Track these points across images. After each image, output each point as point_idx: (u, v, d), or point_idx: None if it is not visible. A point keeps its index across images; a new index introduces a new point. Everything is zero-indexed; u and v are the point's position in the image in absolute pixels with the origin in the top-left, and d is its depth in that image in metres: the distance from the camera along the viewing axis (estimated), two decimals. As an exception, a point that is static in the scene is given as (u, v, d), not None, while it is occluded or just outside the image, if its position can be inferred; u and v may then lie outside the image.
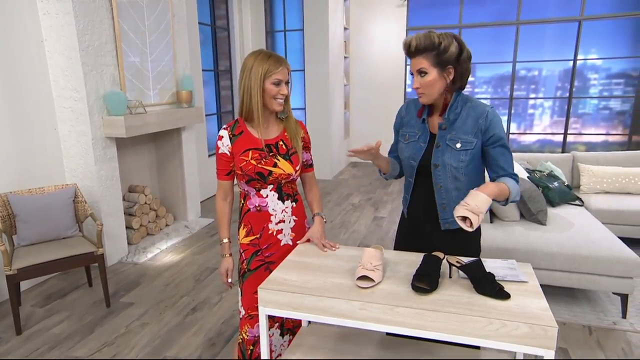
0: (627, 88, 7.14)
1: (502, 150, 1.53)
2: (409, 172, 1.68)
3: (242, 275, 1.79)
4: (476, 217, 1.30)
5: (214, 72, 5.94)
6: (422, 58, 1.48)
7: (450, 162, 1.54)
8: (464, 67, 1.49)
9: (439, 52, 1.45)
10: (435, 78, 1.48)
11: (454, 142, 1.53)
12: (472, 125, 1.52)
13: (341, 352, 1.63)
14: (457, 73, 1.49)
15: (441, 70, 1.48)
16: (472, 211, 1.30)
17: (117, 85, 3.52)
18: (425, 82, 1.49)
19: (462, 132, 1.53)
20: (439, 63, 1.46)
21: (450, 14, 7.25)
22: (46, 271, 2.68)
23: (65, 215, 2.92)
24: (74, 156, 3.38)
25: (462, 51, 1.47)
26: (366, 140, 7.97)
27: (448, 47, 1.44)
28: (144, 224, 4.08)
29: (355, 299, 1.28)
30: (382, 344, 1.66)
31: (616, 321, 2.57)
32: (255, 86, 1.58)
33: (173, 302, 2.95)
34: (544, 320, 1.11)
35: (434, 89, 1.50)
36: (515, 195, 1.51)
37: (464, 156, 1.53)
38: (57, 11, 3.12)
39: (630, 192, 3.82)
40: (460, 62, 1.47)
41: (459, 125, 1.54)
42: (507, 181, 1.50)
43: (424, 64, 1.48)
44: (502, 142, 1.53)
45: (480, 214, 1.31)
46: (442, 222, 1.63)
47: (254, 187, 1.70)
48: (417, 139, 1.63)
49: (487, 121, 1.51)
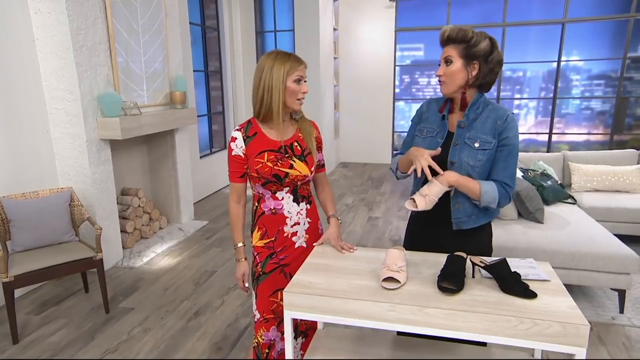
0: (607, 89, 7.36)
1: (507, 154, 1.53)
2: None
3: (257, 278, 1.77)
4: (421, 198, 1.47)
5: (204, 72, 5.88)
6: (452, 47, 1.51)
7: (468, 160, 1.54)
8: (490, 67, 1.50)
9: (468, 45, 1.48)
10: (459, 68, 1.51)
11: (473, 140, 1.54)
12: (491, 127, 1.54)
13: (360, 353, 1.63)
14: (482, 71, 1.50)
15: (466, 63, 1.50)
16: (420, 193, 1.48)
17: (111, 86, 3.44)
18: (448, 71, 1.52)
19: (481, 132, 1.54)
20: (466, 55, 1.49)
21: (437, 16, 7.34)
22: (44, 277, 2.61)
23: (61, 220, 2.84)
24: (67, 159, 3.29)
25: (493, 51, 1.49)
26: (356, 140, 8.01)
27: (478, 43, 1.47)
28: (137, 227, 4.00)
29: (384, 300, 1.28)
30: (399, 344, 1.67)
31: (614, 316, 2.64)
32: (277, 85, 1.56)
33: (174, 307, 2.90)
34: (575, 319, 1.13)
35: (455, 80, 1.52)
36: (487, 200, 1.51)
37: (482, 155, 1.54)
38: (50, 10, 3.03)
39: (619, 190, 3.94)
40: (488, 62, 1.49)
41: (478, 125, 1.55)
42: (483, 183, 1.52)
43: (452, 53, 1.51)
44: (511, 148, 1.53)
45: (426, 196, 1.47)
46: (455, 221, 1.62)
47: (270, 189, 1.68)
48: (434, 134, 1.63)
49: (505, 123, 1.52)
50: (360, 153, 8.07)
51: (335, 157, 7.66)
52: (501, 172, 1.55)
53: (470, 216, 1.61)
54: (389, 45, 7.48)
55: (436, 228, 1.70)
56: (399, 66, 7.71)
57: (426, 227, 1.73)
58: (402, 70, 7.93)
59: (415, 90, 8.15)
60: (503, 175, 1.54)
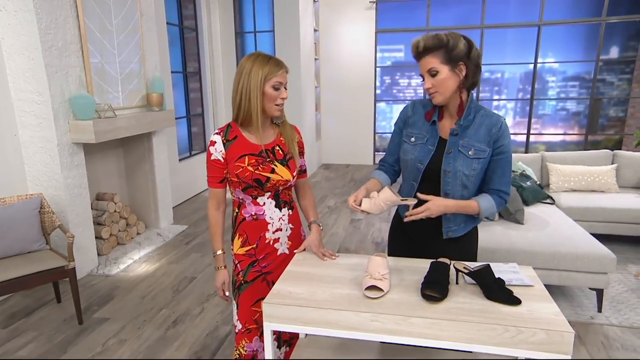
0: (582, 90, 7.55)
1: (503, 163, 1.52)
2: (414, 176, 1.60)
3: (238, 287, 1.71)
4: (368, 200, 1.48)
5: (183, 74, 5.76)
6: (431, 57, 1.45)
7: (462, 169, 1.51)
8: (474, 63, 1.47)
9: (447, 49, 1.43)
10: (447, 75, 1.45)
11: (467, 149, 1.50)
12: (485, 134, 1.51)
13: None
14: (469, 69, 1.46)
15: (452, 67, 1.45)
16: (370, 196, 1.50)
17: (83, 87, 3.32)
18: (437, 81, 1.46)
19: (475, 140, 1.51)
20: (449, 60, 1.44)
21: (417, 17, 7.39)
22: (12, 289, 2.48)
23: (30, 228, 2.71)
24: (37, 163, 3.15)
25: (472, 48, 1.45)
26: (337, 142, 7.99)
27: (456, 44, 1.43)
28: (114, 233, 3.88)
29: (366, 310, 1.24)
30: (382, 351, 1.64)
31: (593, 315, 2.67)
32: (255, 90, 1.51)
33: (152, 316, 2.80)
34: (559, 326, 1.12)
35: (447, 87, 1.47)
36: (486, 215, 1.53)
37: (476, 164, 1.51)
38: (16, 8, 2.90)
39: (594, 190, 4.01)
40: (471, 58, 1.45)
41: (471, 132, 1.52)
42: (481, 200, 1.52)
43: (434, 63, 1.45)
44: (507, 156, 1.52)
45: (373, 198, 1.48)
46: (445, 230, 1.60)
47: (251, 194, 1.62)
48: (425, 141, 1.57)
49: (500, 131, 1.50)
50: (342, 154, 8.05)
51: (317, 158, 7.62)
52: (498, 181, 1.53)
53: (460, 224, 1.60)
54: (369, 46, 7.48)
55: (423, 236, 1.66)
56: (379, 67, 7.73)
57: (413, 235, 1.68)
58: (383, 71, 7.95)
59: (396, 92, 8.19)
60: (500, 184, 1.53)
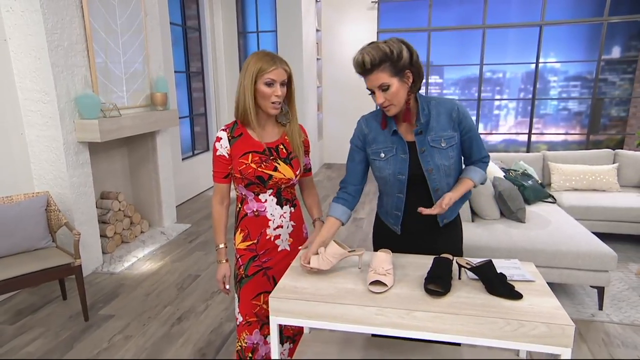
0: (583, 90, 7.55)
1: (473, 137, 1.60)
2: (397, 188, 1.60)
3: (239, 281, 1.74)
4: (316, 257, 1.49)
5: (186, 73, 5.79)
6: (380, 72, 1.42)
7: (442, 162, 1.54)
8: (417, 67, 1.47)
9: (393, 60, 1.41)
10: (398, 86, 1.44)
11: (438, 142, 1.54)
12: (447, 121, 1.55)
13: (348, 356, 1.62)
14: (414, 74, 1.47)
15: (401, 78, 1.44)
16: (319, 252, 1.51)
17: (89, 87, 3.35)
18: (390, 95, 1.45)
19: (441, 130, 1.54)
20: (397, 72, 1.43)
21: (419, 17, 7.41)
22: (19, 286, 2.51)
23: (37, 226, 2.74)
24: (44, 162, 3.18)
25: (412, 53, 1.45)
26: (339, 141, 8.01)
27: (401, 53, 1.41)
28: (118, 231, 3.91)
29: (371, 304, 1.27)
30: (387, 347, 1.66)
31: (594, 313, 2.69)
32: (248, 86, 1.54)
33: (156, 313, 2.83)
34: (560, 319, 1.14)
35: (400, 98, 1.47)
36: (479, 182, 1.62)
37: (452, 152, 1.56)
38: (23, 8, 2.93)
39: (596, 189, 4.03)
40: (414, 64, 1.45)
41: (434, 124, 1.54)
42: (471, 174, 1.59)
43: (384, 78, 1.43)
44: (474, 131, 1.59)
45: (321, 254, 1.50)
46: (440, 219, 1.64)
47: (253, 191, 1.65)
48: (395, 152, 1.57)
49: (460, 113, 1.55)
50: (344, 154, 7.92)
51: (319, 158, 7.64)
52: (477, 153, 1.62)
53: (453, 209, 1.67)
54: (371, 46, 7.49)
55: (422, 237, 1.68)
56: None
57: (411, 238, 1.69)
58: (385, 71, 7.96)
59: (397, 91, 8.19)
60: (479, 154, 1.63)
